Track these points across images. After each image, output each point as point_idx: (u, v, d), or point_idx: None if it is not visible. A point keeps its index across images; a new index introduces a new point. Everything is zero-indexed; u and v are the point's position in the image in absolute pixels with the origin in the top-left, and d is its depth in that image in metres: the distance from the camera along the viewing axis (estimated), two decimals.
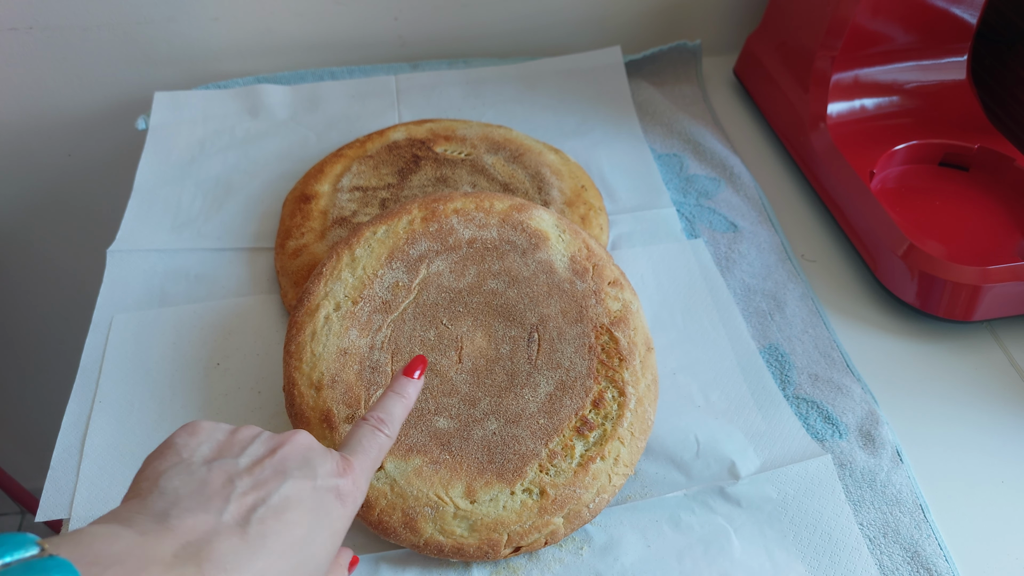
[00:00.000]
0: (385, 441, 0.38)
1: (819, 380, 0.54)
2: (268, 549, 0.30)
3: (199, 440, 0.34)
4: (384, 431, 0.38)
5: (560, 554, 0.45)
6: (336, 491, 0.34)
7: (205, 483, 0.31)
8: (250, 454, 0.33)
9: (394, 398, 0.40)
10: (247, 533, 0.30)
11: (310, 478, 0.33)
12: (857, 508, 0.47)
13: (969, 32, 0.66)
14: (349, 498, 0.34)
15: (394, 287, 0.50)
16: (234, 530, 0.30)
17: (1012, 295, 0.55)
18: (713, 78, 0.82)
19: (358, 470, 0.36)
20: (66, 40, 0.76)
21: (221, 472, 0.32)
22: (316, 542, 0.32)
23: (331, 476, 0.34)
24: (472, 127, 0.68)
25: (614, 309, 0.50)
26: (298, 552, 0.31)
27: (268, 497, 0.31)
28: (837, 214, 0.64)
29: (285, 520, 0.31)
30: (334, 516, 0.34)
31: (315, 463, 0.34)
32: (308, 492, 0.33)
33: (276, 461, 0.33)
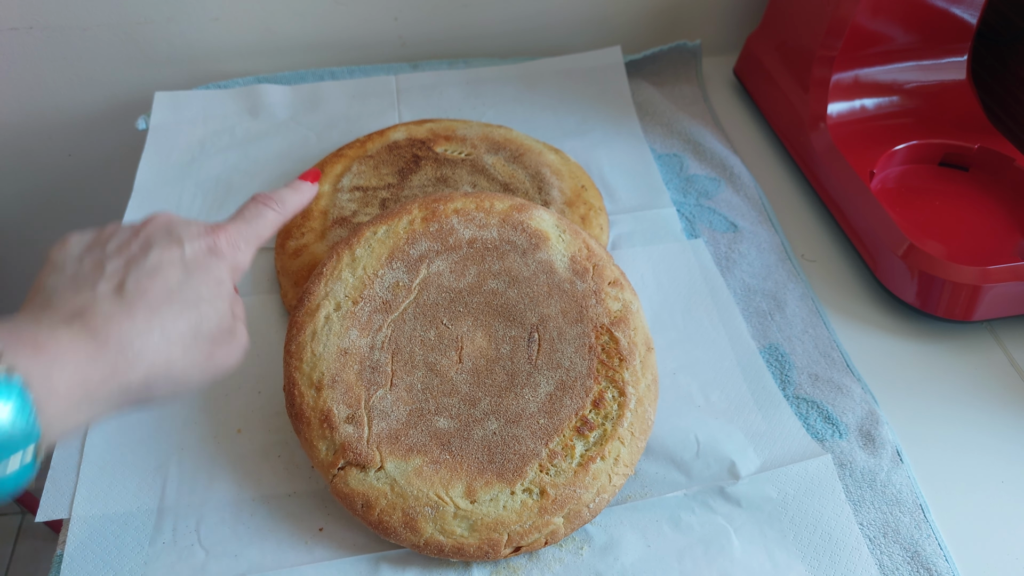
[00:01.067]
0: (271, 214, 0.41)
1: (819, 380, 0.54)
2: (146, 302, 0.33)
3: (69, 247, 0.36)
4: (273, 206, 0.41)
5: (560, 554, 0.45)
6: (207, 248, 0.37)
7: (78, 273, 0.35)
8: (116, 240, 0.36)
9: (288, 191, 0.43)
10: (124, 294, 0.33)
11: (177, 243, 0.36)
12: (857, 508, 0.47)
13: (969, 32, 0.66)
14: (225, 252, 0.37)
15: (394, 287, 0.50)
16: (110, 296, 0.33)
17: (1012, 295, 0.55)
18: (713, 78, 0.82)
19: (232, 230, 0.38)
20: (66, 40, 0.76)
21: (91, 261, 0.35)
22: (197, 290, 0.35)
23: (198, 237, 0.37)
24: (472, 127, 0.68)
25: (614, 309, 0.50)
26: (179, 300, 0.34)
27: (138, 265, 0.35)
28: (837, 214, 0.64)
29: (158, 278, 0.34)
30: (211, 267, 0.36)
31: (179, 231, 0.37)
32: (177, 254, 0.36)
33: (141, 239, 0.36)
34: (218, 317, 0.36)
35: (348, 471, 0.45)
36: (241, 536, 0.46)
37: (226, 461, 0.49)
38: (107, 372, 0.31)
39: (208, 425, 0.51)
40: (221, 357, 0.36)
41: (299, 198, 0.44)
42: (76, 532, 0.46)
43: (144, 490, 0.48)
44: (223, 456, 0.49)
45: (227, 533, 0.46)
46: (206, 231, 0.37)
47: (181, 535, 0.46)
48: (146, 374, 0.32)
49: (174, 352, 0.34)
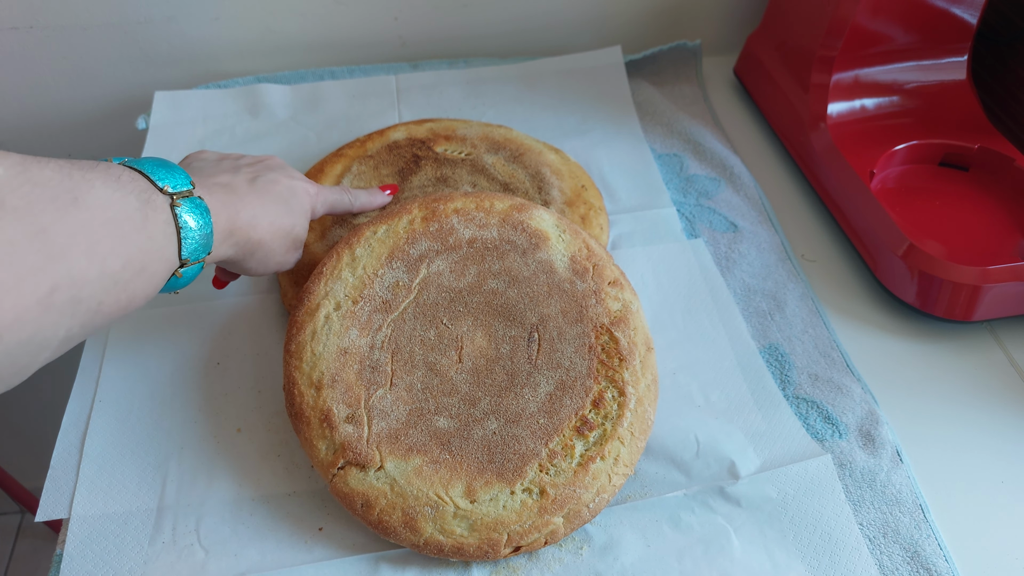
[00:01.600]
0: (346, 199, 0.54)
1: (819, 380, 0.54)
2: (270, 195, 0.46)
3: (205, 154, 0.49)
4: (348, 195, 0.55)
5: (560, 554, 0.45)
6: (303, 187, 0.50)
7: (219, 165, 0.47)
8: (245, 160, 0.49)
9: (364, 192, 0.57)
10: (255, 185, 0.46)
11: (287, 175, 0.49)
12: (857, 508, 0.47)
13: (969, 32, 0.66)
14: (314, 195, 0.51)
15: (394, 287, 0.50)
16: (247, 182, 0.46)
17: (1012, 295, 0.55)
18: (713, 78, 0.82)
19: (321, 188, 0.52)
20: (66, 40, 0.76)
21: (229, 162, 0.48)
22: (293, 202, 0.48)
23: (300, 179, 0.50)
24: (472, 127, 0.68)
25: (614, 309, 0.50)
26: (285, 204, 0.47)
27: (263, 174, 0.47)
28: (837, 214, 0.64)
29: (278, 185, 0.47)
30: (302, 196, 0.49)
31: (289, 169, 0.50)
32: (286, 179, 0.48)
33: (263, 164, 0.49)
34: (300, 228, 0.49)
35: (348, 471, 0.45)
36: (241, 536, 0.46)
37: (226, 461, 0.49)
38: (240, 224, 0.43)
39: (208, 425, 0.51)
40: (289, 257, 0.49)
41: (368, 199, 0.57)
42: (76, 532, 0.46)
43: (144, 489, 0.48)
44: (223, 456, 0.49)
45: (227, 533, 0.46)
46: (306, 179, 0.51)
47: (181, 535, 0.46)
48: (258, 238, 0.45)
49: (276, 233, 0.46)
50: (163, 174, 0.39)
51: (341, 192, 0.54)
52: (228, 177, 0.45)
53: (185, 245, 0.39)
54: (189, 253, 0.39)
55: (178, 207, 0.38)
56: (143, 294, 0.37)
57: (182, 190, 0.39)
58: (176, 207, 0.38)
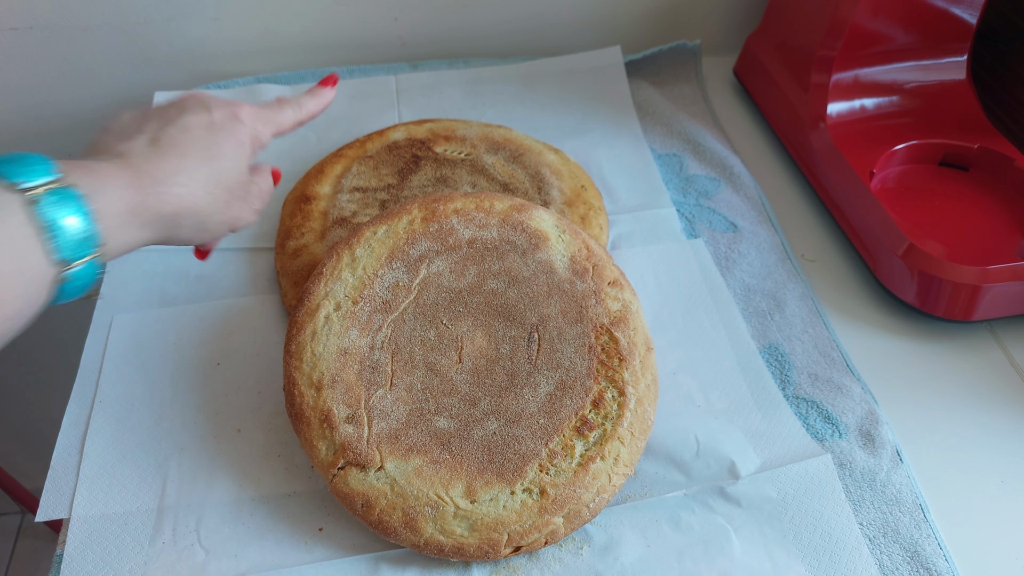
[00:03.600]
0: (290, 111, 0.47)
1: (819, 380, 0.54)
2: (177, 151, 0.40)
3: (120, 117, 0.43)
4: (291, 105, 0.48)
5: (560, 554, 0.45)
6: (232, 115, 0.43)
7: (123, 130, 0.41)
8: (158, 110, 0.43)
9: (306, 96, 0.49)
10: (158, 144, 0.40)
11: (206, 110, 0.42)
12: (857, 508, 0.47)
13: (969, 32, 0.66)
14: (246, 120, 0.43)
15: (394, 287, 0.50)
16: (147, 145, 0.40)
17: (1012, 295, 0.55)
18: (713, 78, 0.82)
19: (254, 107, 0.45)
20: (66, 40, 0.76)
21: (134, 122, 0.42)
22: (220, 146, 0.41)
23: (223, 107, 0.43)
24: (472, 127, 0.68)
25: (614, 309, 0.50)
26: (204, 151, 0.41)
27: (172, 124, 0.41)
28: (837, 214, 0.64)
29: (189, 133, 0.41)
30: (232, 129, 0.42)
31: (208, 102, 0.43)
32: (205, 118, 0.42)
33: (176, 107, 0.43)
34: (236, 171, 0.42)
35: (348, 471, 0.45)
36: (241, 536, 0.46)
37: (226, 461, 0.49)
38: (143, 198, 0.38)
39: (208, 425, 0.51)
40: (236, 210, 0.43)
41: (317, 102, 0.50)
42: (76, 532, 0.46)
43: (144, 490, 0.48)
44: (223, 456, 0.49)
45: (227, 533, 0.46)
46: (232, 103, 0.44)
47: (181, 535, 0.46)
48: (175, 207, 0.39)
49: (196, 191, 0.40)
50: (15, 169, 0.34)
51: (276, 105, 0.47)
52: (125, 145, 0.39)
53: (58, 245, 0.34)
54: (68, 253, 0.34)
55: (37, 203, 0.33)
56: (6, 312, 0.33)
57: (41, 182, 0.34)
58: (34, 204, 0.33)
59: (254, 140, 0.44)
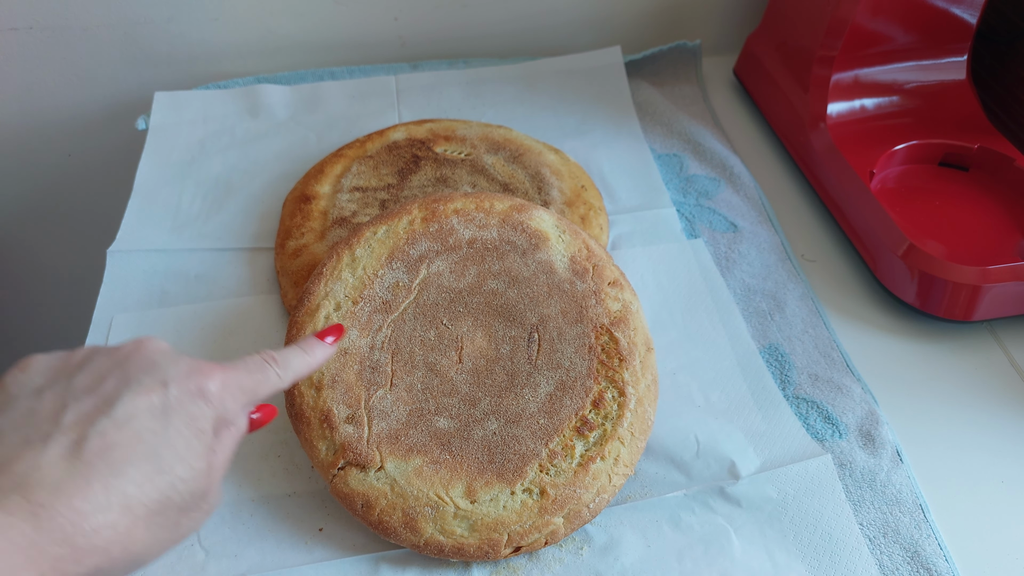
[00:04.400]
0: (273, 377, 0.35)
1: (819, 380, 0.54)
2: (111, 464, 0.27)
3: (30, 373, 0.31)
4: (275, 368, 0.36)
5: (560, 554, 0.45)
6: (195, 391, 0.31)
7: (33, 412, 0.29)
8: (89, 370, 0.30)
9: (296, 351, 0.38)
10: (83, 451, 0.27)
11: (160, 383, 0.30)
12: (857, 508, 0.47)
13: (969, 32, 0.66)
14: (214, 398, 0.31)
15: (394, 287, 0.50)
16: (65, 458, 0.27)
17: (1012, 295, 0.55)
18: (713, 78, 0.82)
19: (229, 374, 0.33)
20: (66, 40, 0.76)
21: (53, 397, 0.29)
22: (173, 445, 0.29)
23: (187, 377, 0.31)
24: (472, 127, 0.68)
25: (614, 309, 0.50)
26: (148, 459, 0.28)
27: (109, 411, 0.28)
28: (837, 214, 0.64)
29: (128, 429, 0.28)
30: (193, 415, 0.30)
31: (164, 366, 0.31)
32: (158, 398, 0.30)
33: (117, 376, 0.30)
34: (193, 480, 0.30)
35: (348, 471, 0.45)
36: (241, 536, 0.46)
37: None
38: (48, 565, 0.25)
39: None
40: (187, 526, 0.31)
41: (307, 361, 0.38)
42: None
43: None
44: None
45: (227, 533, 0.46)
46: (197, 371, 0.32)
47: None
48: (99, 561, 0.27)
49: (136, 528, 0.28)
50: None
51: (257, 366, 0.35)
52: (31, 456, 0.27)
53: None
54: None
55: None
56: None
57: None
58: None
59: (220, 423, 0.32)
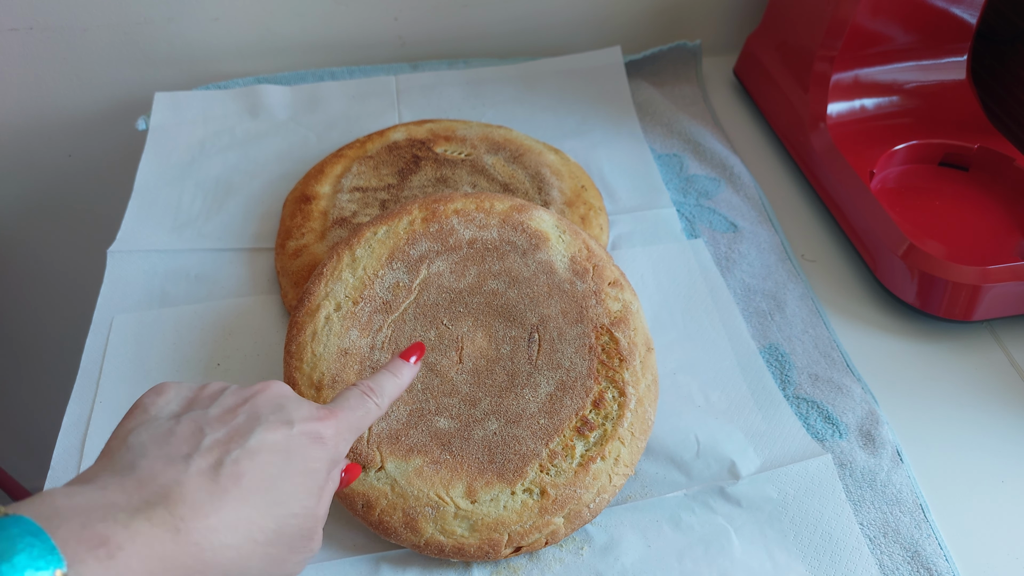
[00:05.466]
0: (373, 408, 0.37)
1: (819, 380, 0.54)
2: (242, 490, 0.30)
3: (167, 398, 0.33)
4: (373, 399, 0.38)
5: (560, 554, 0.45)
6: (314, 435, 0.33)
7: (173, 433, 0.31)
8: (221, 404, 0.33)
9: (388, 376, 0.40)
10: (219, 475, 0.29)
11: (285, 423, 0.33)
12: (857, 508, 0.47)
13: (969, 32, 0.67)
14: (329, 442, 0.34)
15: (395, 287, 0.50)
16: (205, 476, 0.29)
17: (1012, 295, 0.55)
18: (713, 78, 0.82)
19: (341, 419, 0.35)
20: (66, 40, 0.76)
21: (190, 423, 0.31)
22: (290, 483, 0.31)
23: (308, 421, 0.33)
24: (472, 127, 0.68)
25: (614, 309, 0.50)
26: (269, 491, 0.31)
27: (241, 442, 0.31)
28: (837, 214, 0.64)
29: (258, 462, 0.31)
30: (310, 457, 0.33)
31: (289, 409, 0.33)
32: (283, 436, 0.32)
33: (248, 408, 0.33)
34: (304, 517, 0.32)
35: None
36: None
37: None
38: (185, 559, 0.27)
39: None
40: (292, 564, 0.32)
41: (399, 383, 0.40)
42: None
43: None
44: None
45: None
46: (316, 416, 0.34)
47: None
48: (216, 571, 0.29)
49: (253, 554, 0.30)
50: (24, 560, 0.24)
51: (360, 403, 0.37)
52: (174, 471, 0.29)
53: None
54: None
55: None
56: None
57: None
58: None
59: (332, 465, 0.34)
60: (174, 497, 0.28)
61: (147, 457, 0.30)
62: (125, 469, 0.29)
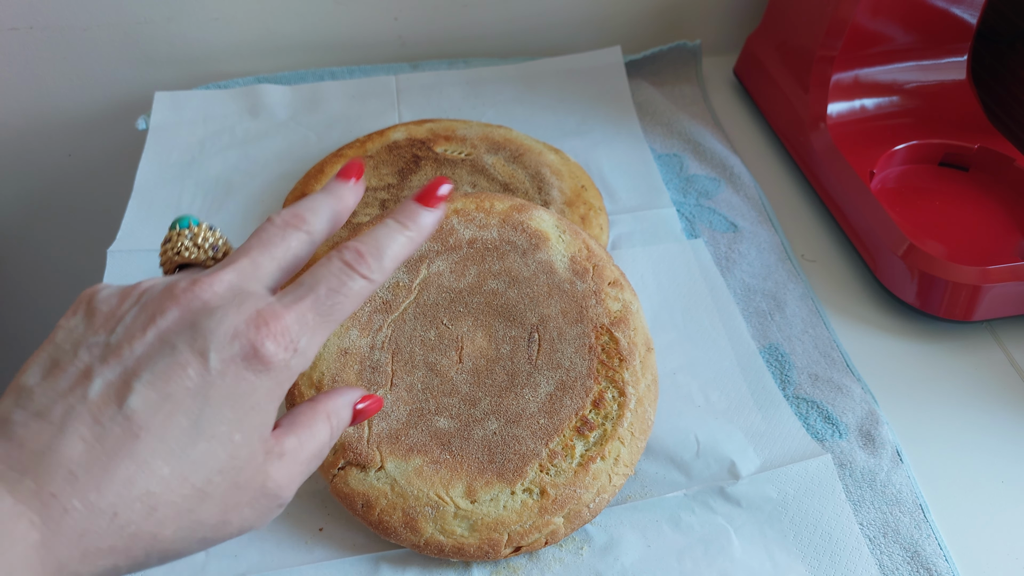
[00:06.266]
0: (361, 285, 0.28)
1: (819, 380, 0.54)
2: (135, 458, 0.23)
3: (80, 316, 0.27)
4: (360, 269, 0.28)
5: (560, 554, 0.45)
6: (247, 356, 0.25)
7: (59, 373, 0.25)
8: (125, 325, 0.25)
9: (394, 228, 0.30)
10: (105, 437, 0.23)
11: (199, 351, 0.25)
12: (857, 508, 0.47)
13: (969, 32, 0.67)
14: (273, 365, 0.25)
15: (394, 287, 0.50)
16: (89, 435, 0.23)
17: (1012, 295, 0.55)
18: (713, 78, 0.82)
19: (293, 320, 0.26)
20: (66, 40, 0.76)
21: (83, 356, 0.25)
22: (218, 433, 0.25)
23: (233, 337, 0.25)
24: (472, 127, 0.68)
25: (614, 309, 0.50)
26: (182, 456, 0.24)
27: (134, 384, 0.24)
28: (837, 214, 0.64)
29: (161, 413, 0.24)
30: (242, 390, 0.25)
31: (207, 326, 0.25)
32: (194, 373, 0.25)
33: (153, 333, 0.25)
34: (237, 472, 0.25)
35: (348, 471, 0.45)
36: (241, 536, 0.46)
37: None
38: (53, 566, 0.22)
39: None
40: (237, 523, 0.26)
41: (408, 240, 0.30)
42: None
43: None
44: None
45: None
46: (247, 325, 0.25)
47: None
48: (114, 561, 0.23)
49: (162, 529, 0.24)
50: None
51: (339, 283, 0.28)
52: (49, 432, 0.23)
53: None
54: None
55: None
56: None
57: None
58: None
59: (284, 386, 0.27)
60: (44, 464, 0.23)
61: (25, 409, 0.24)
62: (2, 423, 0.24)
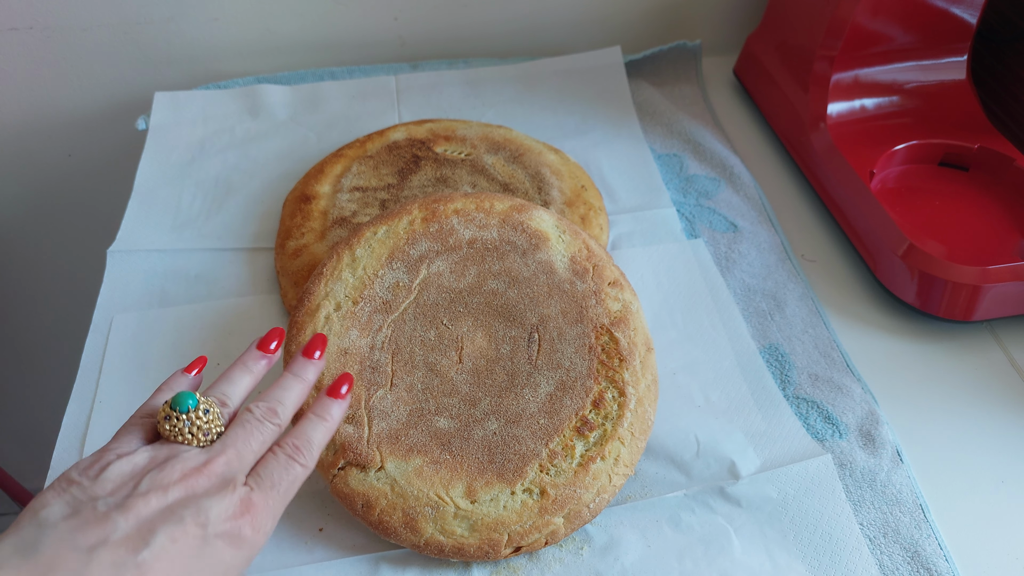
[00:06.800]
0: (300, 472, 0.36)
1: (819, 380, 0.54)
2: None
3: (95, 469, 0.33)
4: (299, 461, 0.36)
5: (560, 554, 0.45)
6: (231, 536, 0.32)
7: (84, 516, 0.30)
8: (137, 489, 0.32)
9: (315, 421, 0.38)
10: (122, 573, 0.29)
11: (199, 524, 0.32)
12: (857, 508, 0.47)
13: (969, 32, 0.66)
14: (246, 543, 0.33)
15: (394, 287, 0.50)
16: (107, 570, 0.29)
17: (1012, 295, 0.55)
18: (713, 78, 0.82)
19: (262, 509, 0.34)
20: (66, 40, 0.76)
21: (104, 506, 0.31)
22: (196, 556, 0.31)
23: (225, 520, 0.32)
24: (472, 127, 0.68)
25: (614, 309, 0.50)
26: None
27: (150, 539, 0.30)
28: (837, 214, 0.64)
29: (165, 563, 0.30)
30: (224, 560, 0.32)
31: (207, 506, 0.32)
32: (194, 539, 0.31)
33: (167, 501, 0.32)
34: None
35: (348, 471, 0.45)
36: None
37: None
38: None
39: None
40: None
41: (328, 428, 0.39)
42: None
43: None
44: None
45: None
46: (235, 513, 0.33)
47: None
48: None
49: None
50: None
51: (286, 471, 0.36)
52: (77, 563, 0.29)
53: None
54: None
55: None
56: None
57: None
58: None
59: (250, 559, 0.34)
60: None
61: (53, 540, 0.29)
62: (28, 548, 0.29)
